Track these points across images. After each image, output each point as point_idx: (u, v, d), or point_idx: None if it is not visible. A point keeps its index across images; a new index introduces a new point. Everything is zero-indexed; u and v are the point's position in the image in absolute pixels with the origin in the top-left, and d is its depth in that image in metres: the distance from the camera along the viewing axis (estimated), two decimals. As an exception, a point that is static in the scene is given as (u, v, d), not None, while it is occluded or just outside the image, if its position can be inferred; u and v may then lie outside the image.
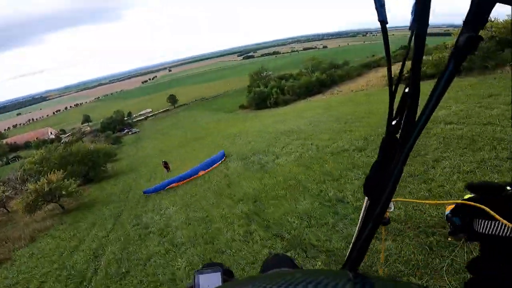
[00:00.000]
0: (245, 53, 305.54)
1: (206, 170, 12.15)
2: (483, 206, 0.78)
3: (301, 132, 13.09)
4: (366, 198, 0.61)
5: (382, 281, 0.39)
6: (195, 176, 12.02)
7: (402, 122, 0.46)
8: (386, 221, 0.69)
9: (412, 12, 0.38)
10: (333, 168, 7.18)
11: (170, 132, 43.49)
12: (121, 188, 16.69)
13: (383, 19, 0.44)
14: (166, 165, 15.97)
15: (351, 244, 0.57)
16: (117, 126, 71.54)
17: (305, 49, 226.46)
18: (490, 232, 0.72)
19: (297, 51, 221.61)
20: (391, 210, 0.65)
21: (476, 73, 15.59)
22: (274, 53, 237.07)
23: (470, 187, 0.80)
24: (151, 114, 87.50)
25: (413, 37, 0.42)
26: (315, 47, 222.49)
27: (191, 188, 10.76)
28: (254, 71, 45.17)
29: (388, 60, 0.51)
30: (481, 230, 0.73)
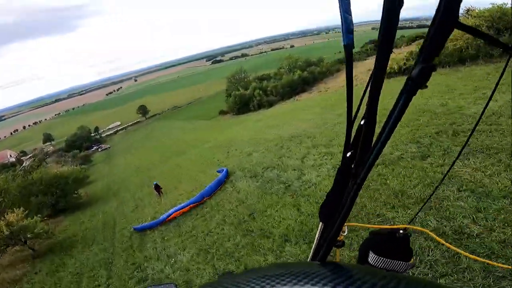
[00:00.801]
0: (213, 57, 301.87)
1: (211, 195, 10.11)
2: (427, 230, 0.99)
3: (314, 137, 11.47)
4: (321, 223, 0.68)
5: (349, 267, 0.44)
6: (197, 203, 9.91)
7: (357, 153, 0.53)
8: (340, 243, 0.71)
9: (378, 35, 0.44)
10: (400, 184, 5.57)
11: (146, 145, 40.18)
12: (102, 221, 14.05)
13: (347, 43, 0.48)
14: (157, 188, 13.57)
15: (315, 246, 0.64)
16: (84, 143, 65.93)
17: (273, 49, 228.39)
18: (381, 267, 0.78)
19: (265, 52, 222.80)
20: (345, 234, 0.69)
21: (482, 62, 15.03)
22: (243, 55, 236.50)
23: (371, 233, 0.86)
24: (121, 128, 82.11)
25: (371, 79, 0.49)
26: (283, 47, 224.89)
27: (197, 221, 8.69)
28: (231, 74, 43.18)
29: (349, 94, 0.57)
30: (374, 264, 0.78)
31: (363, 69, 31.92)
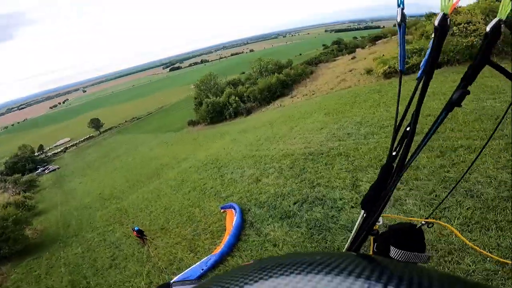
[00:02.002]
0: (171, 64, 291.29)
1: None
2: (450, 227, 1.11)
3: (347, 155, 9.17)
4: (363, 211, 0.76)
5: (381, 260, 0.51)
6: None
7: (400, 154, 0.67)
8: (374, 232, 0.79)
9: (421, 65, 0.66)
10: None
11: (106, 165, 34.81)
12: (68, 280, 10.16)
13: (402, 69, 0.75)
14: (140, 234, 10.09)
15: (346, 248, 0.70)
16: (27, 165, 56.71)
17: (232, 54, 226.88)
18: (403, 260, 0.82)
19: (225, 57, 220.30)
20: (380, 223, 0.75)
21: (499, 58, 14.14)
22: (203, 61, 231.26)
23: (389, 228, 0.90)
24: (71, 145, 73.03)
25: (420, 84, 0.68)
26: (242, 52, 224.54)
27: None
28: (200, 80, 39.73)
29: (398, 104, 0.80)
30: (396, 257, 0.81)
31: (338, 70, 31.03)
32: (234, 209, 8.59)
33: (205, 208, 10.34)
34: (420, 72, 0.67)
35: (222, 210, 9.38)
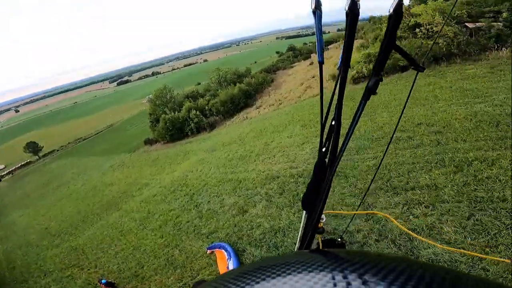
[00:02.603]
0: (119, 78, 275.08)
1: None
2: (387, 215, 1.27)
3: (352, 174, 8.05)
4: (304, 211, 0.77)
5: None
6: None
7: (329, 149, 0.70)
8: (321, 230, 0.79)
9: (340, 56, 0.66)
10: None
11: (50, 194, 29.94)
12: None
13: (320, 60, 0.70)
14: (110, 286, 7.80)
15: (297, 248, 0.73)
16: None
17: (185, 65, 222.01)
18: None
19: (178, 68, 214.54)
20: (323, 221, 0.77)
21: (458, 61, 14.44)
22: (154, 73, 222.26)
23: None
24: (6, 172, 63.25)
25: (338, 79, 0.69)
26: (196, 62, 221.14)
27: None
28: (154, 94, 36.72)
29: (321, 99, 0.79)
30: None
31: (300, 77, 30.88)
32: (225, 249, 6.92)
33: (185, 249, 8.43)
34: (339, 63, 0.67)
35: (209, 251, 7.62)
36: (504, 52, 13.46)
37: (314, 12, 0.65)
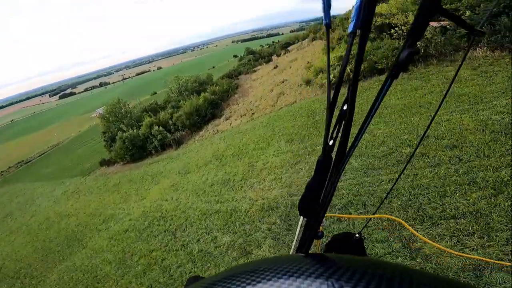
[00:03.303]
0: (61, 91, 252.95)
1: None
2: (400, 220, 1.05)
3: (371, 201, 6.98)
4: (302, 217, 0.68)
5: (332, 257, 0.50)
6: None
7: (338, 142, 0.58)
8: (320, 234, 0.72)
9: (352, 17, 0.50)
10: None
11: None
12: None
13: (327, 23, 0.54)
14: None
15: (296, 237, 0.68)
16: None
17: (138, 74, 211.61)
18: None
19: (129, 77, 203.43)
20: (323, 224, 0.70)
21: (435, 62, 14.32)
22: (102, 84, 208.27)
23: (332, 238, 0.93)
24: None
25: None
26: (149, 70, 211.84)
27: None
28: (106, 109, 33.10)
29: (328, 72, 0.63)
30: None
31: (267, 82, 29.84)
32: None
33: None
34: (351, 25, 0.48)
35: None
36: (479, 52, 13.59)
37: None
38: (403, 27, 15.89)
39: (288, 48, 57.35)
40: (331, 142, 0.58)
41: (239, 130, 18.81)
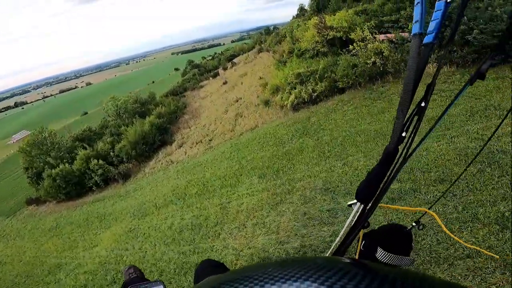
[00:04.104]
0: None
1: None
2: (434, 214, 0.98)
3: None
4: (357, 204, 0.71)
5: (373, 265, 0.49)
6: None
7: (409, 136, 0.65)
8: (367, 224, 0.74)
9: (433, 29, 0.59)
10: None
11: None
12: None
13: (418, 32, 0.61)
14: None
15: (340, 237, 0.72)
16: None
17: (62, 91, 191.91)
18: (388, 263, 0.82)
19: (51, 95, 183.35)
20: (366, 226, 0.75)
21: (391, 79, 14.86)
22: (18, 104, 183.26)
23: (379, 228, 0.93)
24: None
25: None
26: (76, 86, 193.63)
27: None
28: (28, 141, 28.20)
29: (414, 77, 0.69)
30: (381, 259, 0.81)
31: (219, 101, 28.64)
32: None
33: None
34: (432, 36, 0.56)
35: None
36: (430, 68, 14.47)
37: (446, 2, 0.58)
38: (361, 43, 16.27)
39: (235, 61, 57.11)
40: (404, 134, 0.61)
41: (198, 162, 17.29)
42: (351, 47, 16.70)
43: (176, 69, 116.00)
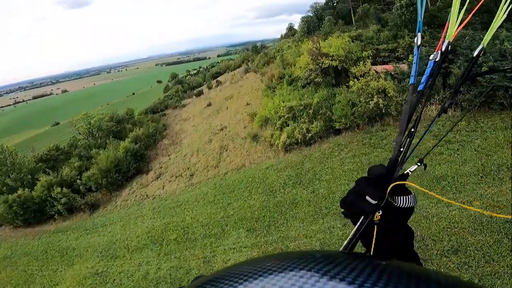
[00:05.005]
0: None
1: None
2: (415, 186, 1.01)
3: None
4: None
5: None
6: None
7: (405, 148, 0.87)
8: (376, 222, 0.84)
9: (422, 81, 0.88)
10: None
11: None
12: None
13: (413, 83, 0.91)
14: None
15: (352, 234, 0.81)
16: None
17: (35, 97, 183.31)
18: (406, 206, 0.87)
19: (23, 101, 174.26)
20: (380, 213, 0.83)
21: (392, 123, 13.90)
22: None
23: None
24: None
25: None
26: (51, 93, 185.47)
27: None
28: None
29: (407, 114, 0.91)
30: (403, 204, 0.86)
31: (202, 127, 26.92)
32: None
33: None
34: (422, 86, 0.86)
35: None
36: (430, 110, 13.53)
37: (418, 47, 0.88)
38: (362, 79, 15.14)
39: (220, 79, 55.90)
40: (402, 149, 0.85)
41: (178, 201, 15.45)
42: (351, 83, 15.49)
43: (159, 82, 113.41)
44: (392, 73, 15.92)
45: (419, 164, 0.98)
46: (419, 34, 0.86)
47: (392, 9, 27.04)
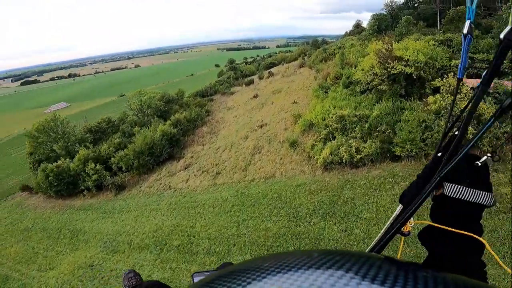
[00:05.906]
0: (25, 76, 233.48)
1: None
2: (483, 240, 0.86)
3: None
4: (400, 205, 0.74)
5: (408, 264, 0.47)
6: None
7: (446, 156, 0.69)
8: (406, 233, 0.74)
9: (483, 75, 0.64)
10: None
11: None
12: None
13: (460, 77, 0.72)
14: None
15: (380, 235, 0.70)
16: None
17: (113, 69, 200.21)
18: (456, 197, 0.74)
19: (103, 72, 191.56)
20: (412, 225, 0.73)
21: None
22: (71, 75, 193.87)
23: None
24: None
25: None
26: (126, 67, 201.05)
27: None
28: (36, 126, 26.48)
29: (451, 108, 0.88)
30: (451, 194, 0.72)
31: (242, 119, 24.80)
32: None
33: None
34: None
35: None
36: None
37: (465, 36, 0.70)
38: (447, 95, 11.22)
39: (273, 71, 53.18)
40: (439, 154, 0.71)
41: (195, 202, 13.69)
42: (430, 98, 11.62)
43: (217, 66, 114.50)
44: (491, 90, 11.66)
45: (489, 156, 0.75)
46: (468, 22, 0.67)
47: (493, 15, 22.10)
